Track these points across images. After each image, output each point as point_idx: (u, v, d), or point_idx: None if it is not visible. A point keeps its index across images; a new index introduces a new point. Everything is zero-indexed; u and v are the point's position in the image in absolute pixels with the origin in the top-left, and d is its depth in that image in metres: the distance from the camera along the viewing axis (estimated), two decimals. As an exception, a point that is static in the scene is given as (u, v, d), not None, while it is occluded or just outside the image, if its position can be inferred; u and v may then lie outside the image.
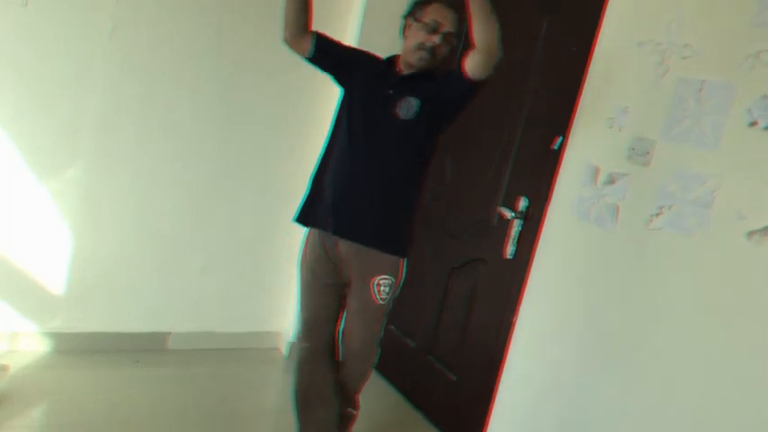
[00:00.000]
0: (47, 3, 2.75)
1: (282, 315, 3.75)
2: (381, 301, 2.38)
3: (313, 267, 2.49)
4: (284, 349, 3.72)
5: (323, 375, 2.55)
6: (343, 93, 2.47)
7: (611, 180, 2.39)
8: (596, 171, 2.45)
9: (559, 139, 2.65)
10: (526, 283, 2.70)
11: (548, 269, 2.63)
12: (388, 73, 2.38)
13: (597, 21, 2.54)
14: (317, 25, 3.34)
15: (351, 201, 2.33)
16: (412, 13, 2.32)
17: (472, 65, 2.12)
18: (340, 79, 2.47)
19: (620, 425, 2.28)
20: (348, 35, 3.46)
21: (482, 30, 2.01)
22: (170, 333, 3.41)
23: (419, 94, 2.28)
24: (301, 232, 3.63)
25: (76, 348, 3.13)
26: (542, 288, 2.64)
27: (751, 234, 1.95)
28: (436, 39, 2.26)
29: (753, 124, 1.98)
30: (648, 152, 2.28)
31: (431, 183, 3.52)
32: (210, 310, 3.52)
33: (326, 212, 2.37)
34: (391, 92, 2.31)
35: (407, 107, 2.27)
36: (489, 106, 3.11)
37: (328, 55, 2.43)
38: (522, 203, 2.81)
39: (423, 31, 2.26)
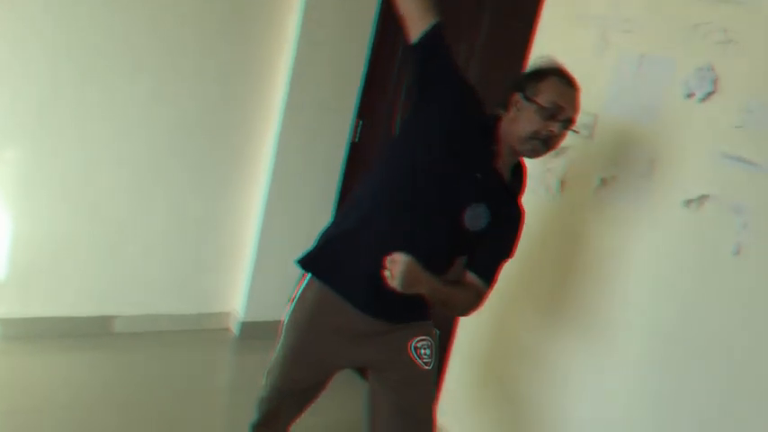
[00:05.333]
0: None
1: (232, 295, 3.71)
2: (426, 366, 1.90)
3: (318, 332, 1.88)
4: (235, 329, 3.69)
5: None
6: (423, 120, 1.79)
7: (556, 154, 2.43)
8: (541, 145, 2.49)
9: (505, 114, 2.68)
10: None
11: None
12: (486, 143, 1.80)
13: (539, -5, 2.57)
14: (254, 22, 3.34)
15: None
16: (521, 88, 1.78)
17: None
18: (432, 100, 1.77)
19: (569, 397, 2.35)
20: (288, 33, 3.44)
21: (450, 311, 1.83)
22: (116, 317, 3.34)
23: (493, 207, 1.79)
24: (250, 211, 3.63)
25: (19, 334, 3.04)
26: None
27: (688, 202, 2.02)
28: (555, 127, 1.73)
29: (689, 96, 2.04)
30: (591, 126, 2.33)
31: (378, 154, 3.53)
32: (157, 292, 3.46)
33: (360, 285, 1.81)
34: (479, 176, 1.78)
35: (476, 218, 1.77)
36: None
37: (436, 55, 1.74)
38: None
39: (537, 116, 1.72)
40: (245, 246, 3.66)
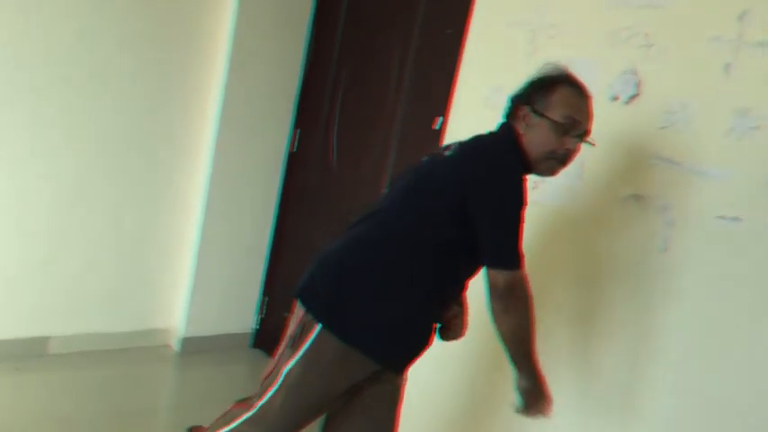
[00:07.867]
0: None
1: (171, 310, 3.63)
2: (405, 380, 1.90)
3: (340, 382, 1.72)
4: (176, 345, 3.62)
5: None
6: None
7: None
8: (475, 149, 2.52)
9: (440, 120, 2.71)
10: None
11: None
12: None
13: (469, 3, 2.60)
14: (185, 32, 3.28)
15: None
16: (529, 101, 1.64)
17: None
18: None
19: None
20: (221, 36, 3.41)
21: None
22: (50, 337, 3.23)
23: None
24: (187, 224, 3.55)
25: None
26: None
27: (617, 202, 2.08)
28: (571, 144, 1.62)
29: (615, 99, 2.11)
30: (523, 129, 2.37)
31: (316, 163, 3.54)
32: (94, 311, 3.36)
33: (407, 360, 1.78)
34: None
35: None
36: (376, 98, 3.14)
37: None
38: (408, 184, 2.85)
39: (552, 133, 1.60)
40: (184, 260, 3.59)
